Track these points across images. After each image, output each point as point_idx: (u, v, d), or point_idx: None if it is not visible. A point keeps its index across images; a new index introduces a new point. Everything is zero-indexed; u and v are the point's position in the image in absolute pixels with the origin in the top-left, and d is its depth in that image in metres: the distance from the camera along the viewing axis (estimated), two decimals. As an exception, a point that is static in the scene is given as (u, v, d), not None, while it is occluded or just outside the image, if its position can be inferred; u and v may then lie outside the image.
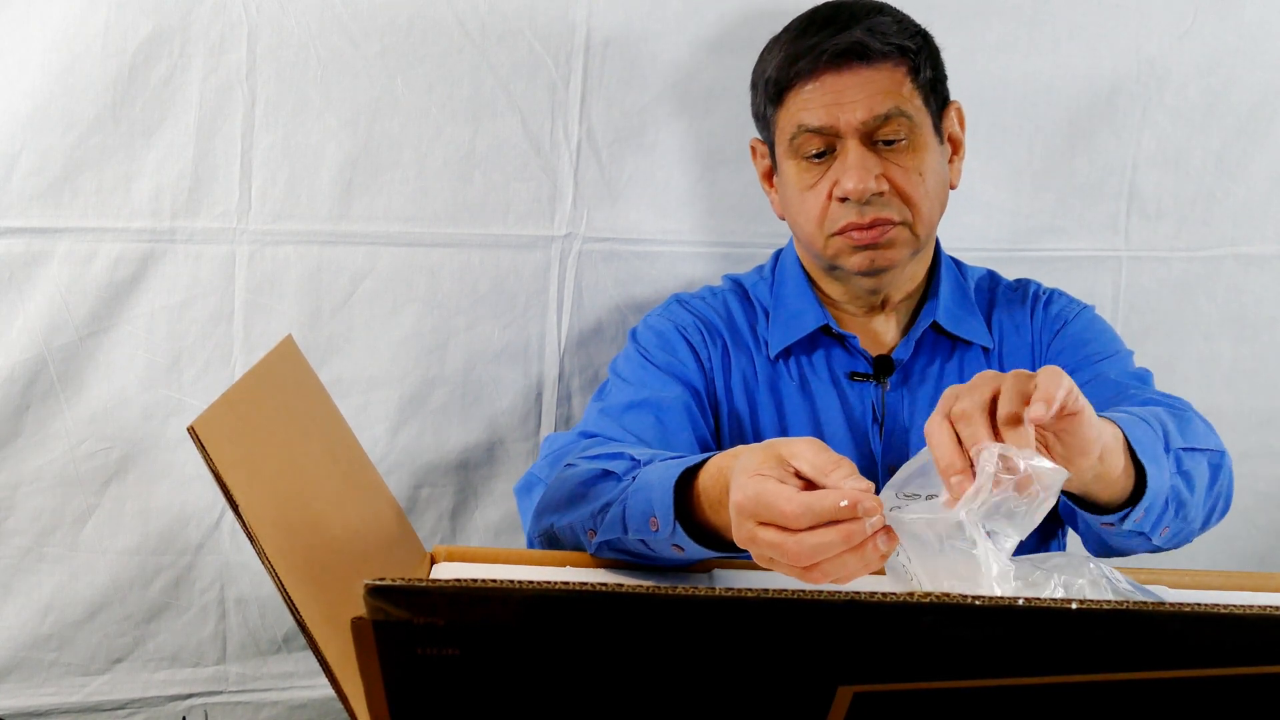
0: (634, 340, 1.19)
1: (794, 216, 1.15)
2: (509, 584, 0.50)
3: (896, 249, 1.11)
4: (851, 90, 1.07)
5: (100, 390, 1.25)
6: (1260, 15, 1.41)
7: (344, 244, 1.29)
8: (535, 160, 1.32)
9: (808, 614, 0.50)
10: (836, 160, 1.09)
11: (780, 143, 1.13)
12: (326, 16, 1.24)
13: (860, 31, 1.07)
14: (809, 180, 1.11)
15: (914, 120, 1.09)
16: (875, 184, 1.07)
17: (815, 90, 1.09)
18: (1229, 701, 0.54)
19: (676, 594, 0.50)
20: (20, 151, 1.19)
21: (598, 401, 1.14)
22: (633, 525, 0.89)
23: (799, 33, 1.11)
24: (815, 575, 0.73)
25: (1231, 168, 1.44)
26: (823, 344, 1.17)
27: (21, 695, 1.29)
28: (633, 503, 0.89)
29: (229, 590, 1.33)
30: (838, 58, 1.07)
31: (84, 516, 1.27)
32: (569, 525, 0.97)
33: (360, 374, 1.32)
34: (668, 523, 0.85)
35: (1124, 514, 0.89)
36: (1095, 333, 1.18)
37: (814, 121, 1.09)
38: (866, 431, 1.15)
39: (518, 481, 1.11)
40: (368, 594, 0.50)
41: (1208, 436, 1.00)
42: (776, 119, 1.13)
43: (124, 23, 1.19)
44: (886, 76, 1.08)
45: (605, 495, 0.93)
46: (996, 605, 0.50)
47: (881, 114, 1.08)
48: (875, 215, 1.09)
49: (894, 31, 1.09)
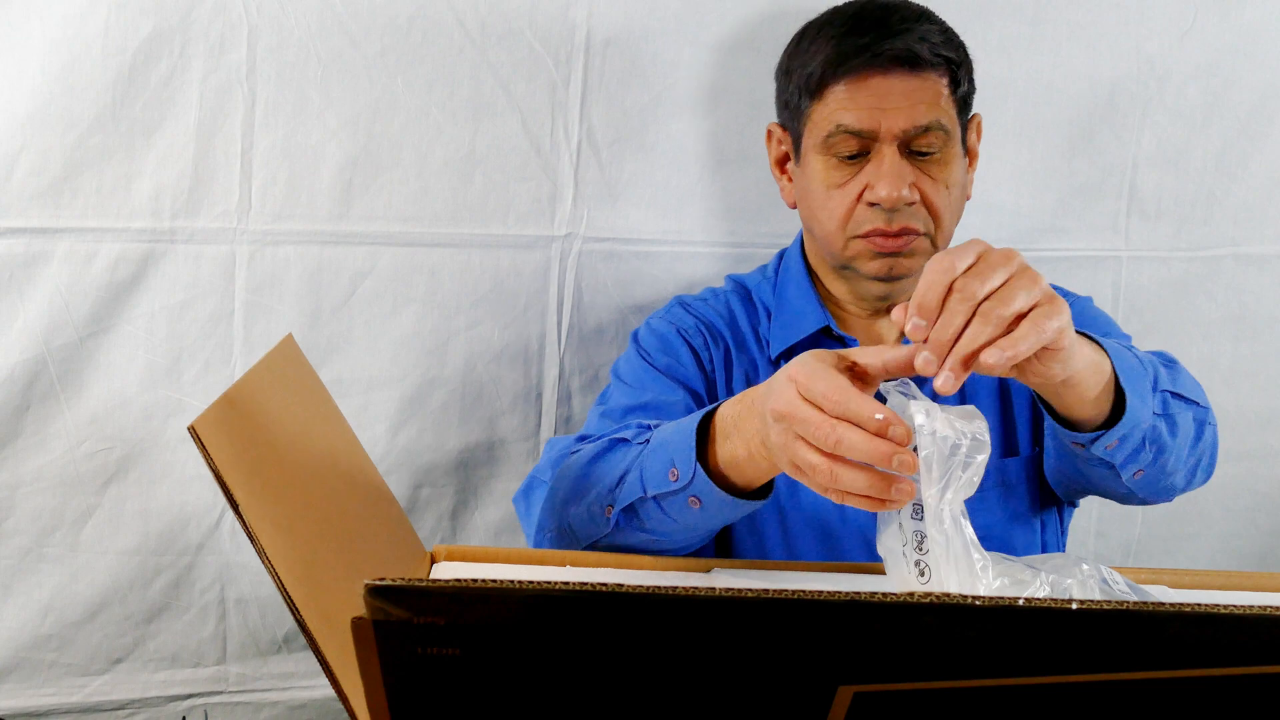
0: (635, 343, 1.19)
1: (814, 212, 1.14)
2: (509, 583, 0.50)
3: (915, 259, 1.11)
4: (896, 97, 1.07)
5: (100, 390, 1.25)
6: (1260, 15, 1.41)
7: (344, 244, 1.29)
8: (535, 160, 1.32)
9: (808, 614, 0.50)
10: (870, 164, 1.09)
11: (811, 136, 1.12)
12: (326, 16, 1.24)
13: (913, 38, 1.06)
14: (837, 179, 1.10)
15: (949, 133, 1.09)
16: (909, 193, 1.07)
17: (859, 91, 1.07)
18: (1229, 701, 0.54)
19: (676, 594, 0.50)
20: (20, 151, 1.19)
21: (599, 405, 1.14)
22: (651, 482, 0.89)
23: (848, 28, 1.09)
24: (834, 470, 0.73)
25: (1231, 168, 1.44)
26: (823, 345, 1.17)
27: (21, 695, 1.29)
28: (650, 460, 0.89)
29: (229, 590, 1.33)
30: (889, 62, 1.06)
31: (84, 516, 1.27)
32: (586, 509, 0.96)
33: (360, 374, 1.32)
34: (688, 465, 0.85)
35: (1095, 437, 0.88)
36: (1090, 317, 1.18)
37: (854, 123, 1.08)
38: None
39: (517, 492, 1.10)
40: (368, 593, 0.50)
41: (1196, 391, 1.00)
42: (811, 112, 1.11)
43: (124, 23, 1.19)
44: (930, 87, 1.08)
45: (621, 464, 0.93)
46: (997, 605, 0.50)
47: (923, 124, 1.07)
48: (903, 224, 1.09)
49: (941, 42, 1.09)
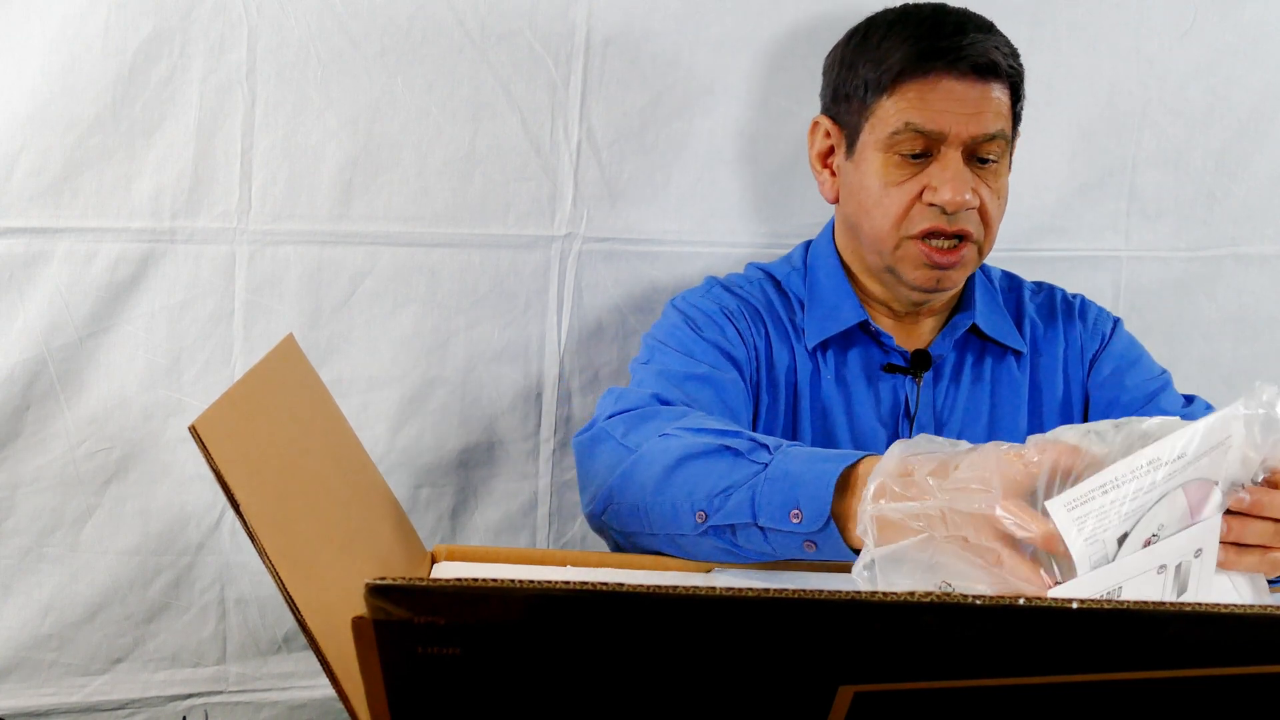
0: (680, 313, 1.17)
1: (866, 208, 1.13)
2: (510, 583, 0.50)
3: (961, 270, 1.12)
4: (970, 103, 1.08)
5: (100, 390, 1.25)
6: (1260, 15, 1.41)
7: (344, 244, 1.29)
8: (535, 160, 1.32)
9: (808, 613, 0.50)
10: (934, 165, 1.09)
11: (874, 131, 1.11)
12: (326, 16, 1.24)
13: (990, 47, 1.08)
14: (897, 177, 1.10)
15: (1007, 143, 1.11)
16: (971, 197, 1.08)
17: (933, 92, 1.08)
18: (1229, 701, 0.54)
19: (676, 593, 0.50)
20: (20, 151, 1.19)
21: (647, 365, 1.11)
22: (765, 514, 0.86)
23: (926, 29, 1.09)
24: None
25: (1231, 168, 1.44)
26: (859, 340, 1.17)
27: (21, 695, 1.29)
28: (768, 490, 0.86)
29: (229, 590, 1.33)
30: (968, 67, 1.07)
31: (84, 516, 1.27)
32: (669, 503, 0.93)
33: (360, 374, 1.32)
34: (819, 517, 0.83)
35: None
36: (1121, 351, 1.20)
37: (924, 123, 1.08)
38: (898, 425, 1.16)
39: (579, 434, 1.06)
40: (369, 593, 0.50)
41: None
42: (877, 107, 1.11)
43: (124, 23, 1.19)
44: (999, 96, 1.09)
45: (725, 476, 0.90)
46: (997, 605, 0.50)
47: (991, 132, 1.08)
48: (960, 226, 1.09)
49: (1010, 53, 1.10)
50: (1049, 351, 1.20)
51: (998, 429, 1.18)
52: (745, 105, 1.35)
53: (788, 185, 1.38)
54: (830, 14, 1.34)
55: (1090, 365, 1.20)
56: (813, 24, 1.34)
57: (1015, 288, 1.24)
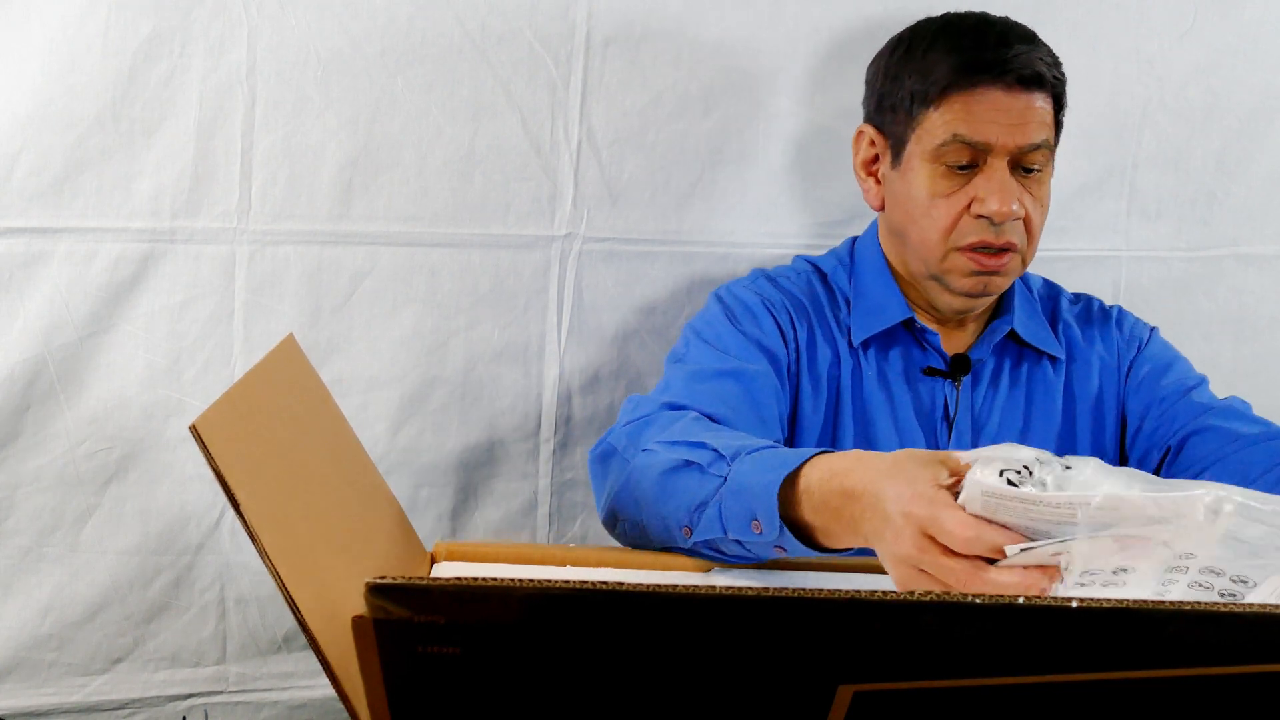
0: (719, 303, 1.18)
1: (914, 219, 1.14)
2: (510, 582, 0.50)
3: (1006, 277, 1.13)
4: (1017, 114, 1.08)
5: (100, 390, 1.25)
6: (1260, 15, 1.41)
7: (344, 244, 1.29)
8: (535, 160, 1.32)
9: (808, 613, 0.50)
10: (980, 176, 1.10)
11: (921, 143, 1.12)
12: (326, 16, 1.24)
13: (1035, 58, 1.08)
14: (944, 189, 1.11)
15: (1051, 152, 1.12)
16: (1017, 207, 1.09)
17: (979, 104, 1.08)
18: (1229, 701, 0.54)
19: (676, 593, 0.50)
20: (20, 151, 1.19)
21: (680, 364, 1.12)
22: (733, 527, 0.88)
23: (972, 41, 1.10)
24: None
25: (1231, 168, 1.44)
26: (901, 339, 1.18)
27: (21, 695, 1.29)
28: (731, 505, 0.88)
29: (229, 590, 1.33)
30: (1015, 79, 1.08)
31: (84, 516, 1.27)
32: (662, 522, 0.96)
33: (360, 374, 1.32)
34: (773, 528, 0.84)
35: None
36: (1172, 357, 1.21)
37: (971, 134, 1.08)
38: (936, 428, 1.17)
39: (593, 448, 1.08)
40: (369, 592, 0.50)
41: None
42: (924, 118, 1.11)
43: (124, 23, 1.19)
44: (1042, 106, 1.10)
45: (696, 492, 0.91)
46: (997, 604, 0.50)
47: (1036, 143, 1.09)
48: (1007, 238, 1.10)
49: (1053, 63, 1.11)
50: (1084, 358, 1.21)
51: (1031, 432, 1.19)
52: (745, 105, 1.35)
53: (788, 186, 1.38)
54: (830, 16, 1.34)
55: (1127, 371, 1.21)
56: (813, 26, 1.34)
57: (1053, 295, 1.26)
